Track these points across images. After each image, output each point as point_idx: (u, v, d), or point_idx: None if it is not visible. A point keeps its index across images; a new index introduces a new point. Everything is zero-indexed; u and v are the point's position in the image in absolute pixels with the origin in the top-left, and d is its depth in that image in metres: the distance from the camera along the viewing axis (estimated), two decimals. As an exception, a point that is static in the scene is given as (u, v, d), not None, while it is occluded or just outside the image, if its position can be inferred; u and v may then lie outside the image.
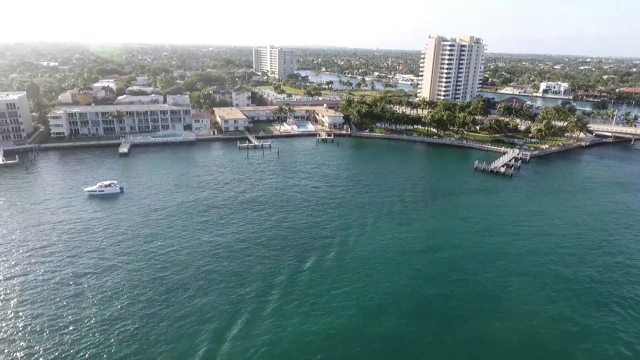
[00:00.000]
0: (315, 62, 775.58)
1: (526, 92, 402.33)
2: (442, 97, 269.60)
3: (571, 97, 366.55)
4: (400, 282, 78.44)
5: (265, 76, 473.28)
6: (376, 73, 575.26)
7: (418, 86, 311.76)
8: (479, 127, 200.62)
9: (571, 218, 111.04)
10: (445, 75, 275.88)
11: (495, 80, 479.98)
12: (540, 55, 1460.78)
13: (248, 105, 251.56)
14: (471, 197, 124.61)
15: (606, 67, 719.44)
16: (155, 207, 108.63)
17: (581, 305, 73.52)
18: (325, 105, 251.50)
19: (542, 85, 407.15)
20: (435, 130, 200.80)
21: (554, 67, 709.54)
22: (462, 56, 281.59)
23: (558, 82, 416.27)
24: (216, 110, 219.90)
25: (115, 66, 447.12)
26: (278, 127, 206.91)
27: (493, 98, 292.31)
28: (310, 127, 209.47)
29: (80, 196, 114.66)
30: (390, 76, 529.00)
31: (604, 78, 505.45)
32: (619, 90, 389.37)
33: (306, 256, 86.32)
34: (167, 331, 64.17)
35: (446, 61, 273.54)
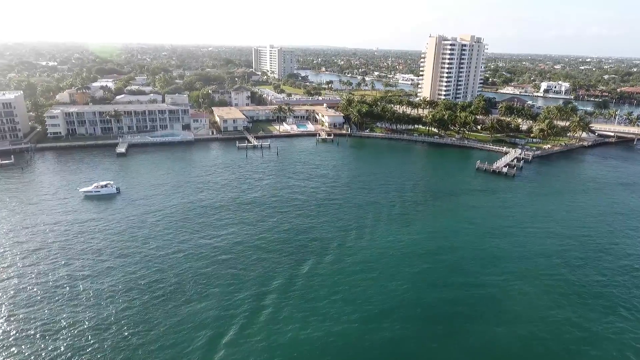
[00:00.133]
0: (315, 62, 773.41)
1: (527, 92, 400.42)
2: (443, 97, 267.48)
3: (572, 97, 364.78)
4: (401, 286, 76.52)
5: (265, 76, 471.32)
6: (376, 73, 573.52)
7: (418, 86, 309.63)
8: (481, 127, 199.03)
9: (575, 219, 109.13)
10: (446, 74, 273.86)
11: (495, 80, 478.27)
12: (540, 55, 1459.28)
13: (247, 104, 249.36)
14: (473, 198, 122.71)
15: (606, 67, 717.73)
16: (152, 208, 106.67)
17: (588, 310, 71.60)
18: (325, 104, 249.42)
19: (543, 85, 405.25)
20: (436, 130, 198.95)
21: (554, 67, 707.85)
22: (463, 55, 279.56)
23: (559, 82, 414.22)
24: (215, 109, 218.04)
25: (114, 66, 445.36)
26: (277, 127, 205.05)
27: (494, 98, 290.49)
28: (310, 127, 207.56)
29: (75, 197, 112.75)
30: (390, 76, 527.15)
31: (605, 78, 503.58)
32: (620, 90, 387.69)
33: (305, 259, 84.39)
34: (163, 337, 62.27)
35: (447, 60, 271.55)
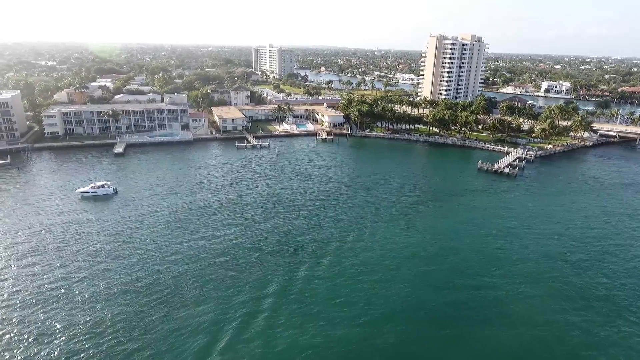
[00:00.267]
0: (314, 62, 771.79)
1: (528, 92, 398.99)
2: (443, 97, 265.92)
3: (573, 97, 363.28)
4: (403, 289, 74.84)
5: (264, 75, 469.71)
6: (376, 73, 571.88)
7: (419, 85, 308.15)
8: (482, 127, 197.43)
9: (579, 220, 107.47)
10: (446, 74, 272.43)
11: (496, 79, 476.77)
12: (540, 55, 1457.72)
13: (247, 104, 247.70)
14: (475, 198, 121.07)
15: (607, 67, 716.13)
16: (149, 209, 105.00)
17: (594, 314, 69.91)
18: (325, 104, 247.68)
19: (544, 84, 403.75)
20: (437, 129, 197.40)
21: (554, 67, 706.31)
22: (464, 55, 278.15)
23: (560, 82, 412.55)
24: (214, 109, 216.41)
25: (113, 66, 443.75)
26: (277, 127, 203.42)
27: (494, 97, 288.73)
28: (309, 127, 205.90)
29: (72, 197, 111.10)
30: (390, 76, 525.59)
31: (606, 77, 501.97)
32: (621, 89, 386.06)
33: (305, 261, 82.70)
34: (159, 341, 60.60)
35: (447, 60, 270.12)
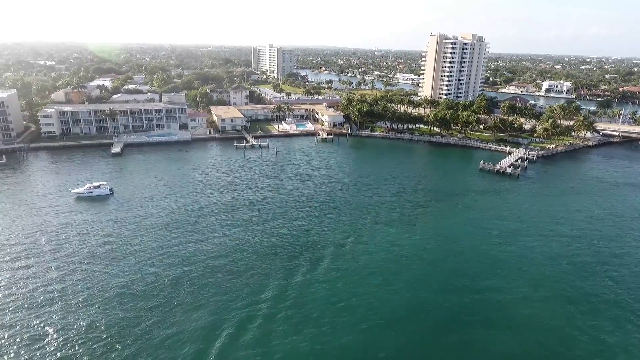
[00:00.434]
0: (314, 62, 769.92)
1: (528, 92, 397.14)
2: (444, 96, 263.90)
3: (574, 96, 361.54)
4: (405, 293, 73.03)
5: (264, 75, 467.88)
6: (376, 72, 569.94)
7: (419, 85, 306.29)
8: (483, 127, 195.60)
9: (583, 221, 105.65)
10: (447, 73, 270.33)
11: (496, 79, 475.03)
12: (540, 55, 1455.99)
13: (246, 104, 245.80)
14: (477, 199, 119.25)
15: (607, 67, 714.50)
16: (146, 210, 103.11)
17: (600, 320, 67.98)
18: (325, 104, 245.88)
19: (545, 84, 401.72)
20: (437, 129, 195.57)
21: (555, 67, 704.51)
22: (464, 54, 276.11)
23: (561, 81, 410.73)
24: (213, 109, 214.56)
25: (112, 65, 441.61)
26: (276, 127, 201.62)
27: (495, 97, 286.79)
28: (309, 127, 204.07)
29: (67, 198, 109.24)
30: (390, 75, 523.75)
31: (607, 77, 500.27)
32: (623, 89, 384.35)
33: (304, 264, 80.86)
34: (155, 347, 58.81)
35: (448, 59, 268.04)
